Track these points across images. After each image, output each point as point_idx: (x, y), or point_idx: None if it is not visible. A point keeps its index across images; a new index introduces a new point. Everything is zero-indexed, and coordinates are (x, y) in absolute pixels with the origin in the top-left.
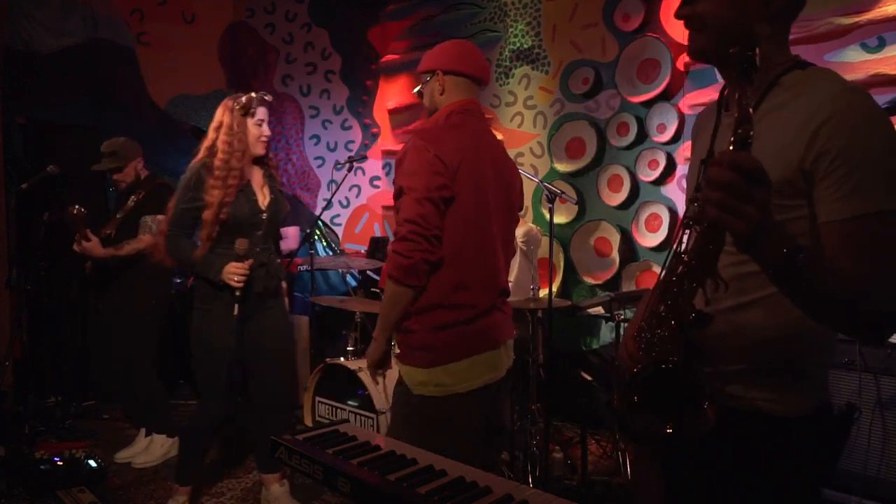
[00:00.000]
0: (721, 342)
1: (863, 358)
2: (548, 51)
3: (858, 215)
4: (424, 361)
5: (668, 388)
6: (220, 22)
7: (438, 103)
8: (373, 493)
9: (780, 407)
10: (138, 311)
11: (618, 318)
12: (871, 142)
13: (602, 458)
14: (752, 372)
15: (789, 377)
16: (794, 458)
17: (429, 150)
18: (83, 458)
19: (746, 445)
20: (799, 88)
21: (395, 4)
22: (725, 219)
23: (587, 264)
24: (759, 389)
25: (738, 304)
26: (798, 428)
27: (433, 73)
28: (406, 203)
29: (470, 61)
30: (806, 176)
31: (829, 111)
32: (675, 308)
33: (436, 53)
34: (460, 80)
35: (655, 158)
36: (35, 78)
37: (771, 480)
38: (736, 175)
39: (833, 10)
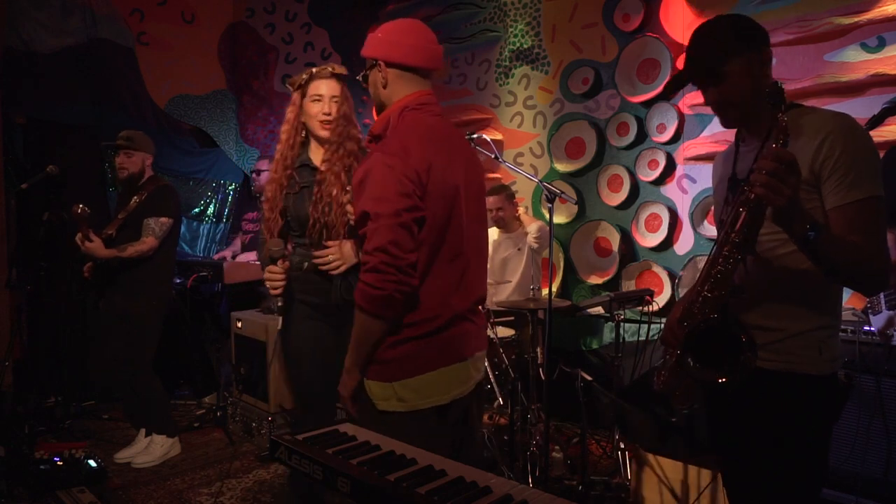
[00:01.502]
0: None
1: (863, 358)
2: (548, 51)
3: (858, 199)
4: (383, 375)
5: (712, 345)
6: (220, 22)
7: (383, 98)
8: (373, 493)
9: (813, 368)
10: (138, 312)
11: (618, 318)
12: (860, 148)
13: (602, 458)
14: (784, 339)
15: (815, 341)
16: (819, 408)
17: (395, 170)
18: (83, 458)
19: (780, 399)
20: (800, 118)
21: (394, 4)
22: (769, 195)
23: (587, 264)
24: (792, 354)
25: (772, 279)
26: (823, 385)
27: (374, 62)
28: (374, 230)
29: (416, 50)
30: (816, 176)
31: (829, 128)
32: (719, 280)
33: (378, 38)
34: (406, 74)
35: (655, 158)
36: (35, 78)
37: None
38: (778, 164)
39: (833, 10)
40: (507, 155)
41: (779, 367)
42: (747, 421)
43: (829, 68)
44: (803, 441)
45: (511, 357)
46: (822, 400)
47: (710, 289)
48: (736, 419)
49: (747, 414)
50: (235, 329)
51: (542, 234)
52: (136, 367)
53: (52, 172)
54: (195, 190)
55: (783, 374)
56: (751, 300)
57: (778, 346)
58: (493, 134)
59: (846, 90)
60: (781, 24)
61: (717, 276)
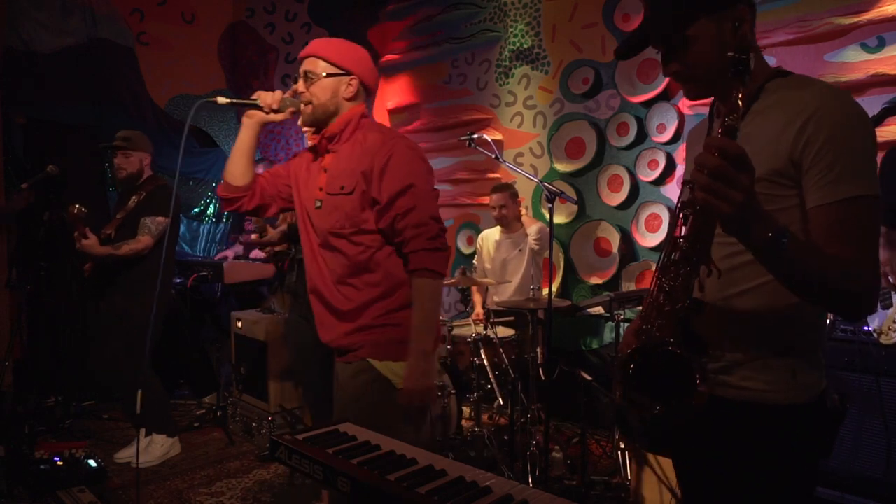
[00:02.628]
0: (717, 331)
1: (863, 358)
2: (548, 51)
3: (843, 199)
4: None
5: (662, 370)
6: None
7: (339, 105)
8: (373, 493)
9: (781, 395)
10: (138, 312)
11: (618, 318)
12: (852, 135)
13: (602, 458)
14: (751, 361)
15: (787, 366)
16: (794, 443)
17: (418, 151)
18: (83, 458)
19: (749, 434)
20: (784, 91)
21: (394, 4)
22: (712, 201)
23: (587, 264)
24: (757, 380)
25: (733, 294)
26: (799, 415)
27: (348, 73)
28: (416, 202)
29: (377, 77)
30: (796, 166)
31: (816, 106)
32: (672, 294)
33: (355, 57)
34: (364, 92)
35: (655, 158)
36: (35, 78)
37: (771, 467)
38: (722, 161)
39: (833, 10)
40: (507, 155)
41: (741, 396)
42: (704, 459)
43: (829, 68)
44: (773, 484)
45: (511, 357)
46: (799, 434)
47: (664, 300)
48: (691, 454)
49: (703, 451)
50: (235, 329)
51: (543, 235)
52: (135, 367)
53: (52, 172)
54: (195, 190)
55: (746, 404)
56: (707, 316)
57: (739, 371)
58: (493, 134)
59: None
60: (781, 24)
61: (668, 287)
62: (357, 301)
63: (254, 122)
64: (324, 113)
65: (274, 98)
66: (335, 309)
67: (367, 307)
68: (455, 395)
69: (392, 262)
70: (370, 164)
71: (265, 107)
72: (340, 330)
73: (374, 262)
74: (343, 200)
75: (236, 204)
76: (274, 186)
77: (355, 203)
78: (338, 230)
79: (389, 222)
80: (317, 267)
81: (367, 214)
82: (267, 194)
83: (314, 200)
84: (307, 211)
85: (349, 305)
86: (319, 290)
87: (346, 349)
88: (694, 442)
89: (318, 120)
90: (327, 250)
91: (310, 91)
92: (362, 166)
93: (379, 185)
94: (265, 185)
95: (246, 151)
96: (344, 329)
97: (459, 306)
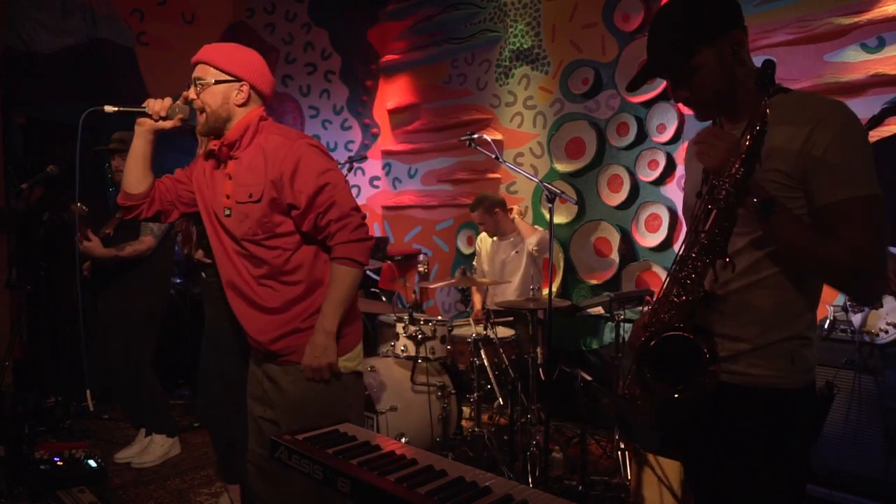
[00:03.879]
0: (724, 321)
1: (862, 358)
2: (548, 51)
3: (855, 196)
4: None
5: (675, 355)
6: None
7: (231, 111)
8: (373, 493)
9: (782, 381)
10: (137, 312)
11: (618, 318)
12: (855, 140)
13: (602, 458)
14: (755, 349)
15: (787, 353)
16: (793, 425)
17: (321, 148)
18: (83, 458)
19: (753, 417)
20: (788, 107)
21: (394, 4)
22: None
23: (587, 264)
24: (760, 366)
25: (741, 286)
26: (797, 399)
27: (238, 79)
28: (335, 196)
29: (270, 81)
30: (802, 171)
31: (820, 117)
32: (687, 286)
33: (245, 62)
34: (258, 98)
35: (655, 158)
36: (35, 78)
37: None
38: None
39: (833, 10)
40: (507, 155)
41: (746, 381)
42: (713, 443)
43: (829, 68)
44: (775, 463)
45: (511, 357)
46: (797, 416)
47: (678, 293)
48: (701, 440)
49: (712, 435)
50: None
51: (542, 244)
52: (135, 367)
53: (52, 172)
54: None
55: (750, 389)
56: (714, 307)
57: (745, 359)
58: (493, 134)
59: (846, 90)
60: (781, 24)
61: (684, 280)
62: (280, 298)
63: (144, 131)
64: (217, 120)
65: (163, 105)
66: (259, 305)
67: (291, 305)
68: (455, 395)
69: (310, 262)
70: (278, 171)
71: (153, 114)
72: (269, 327)
73: (292, 263)
74: (252, 208)
75: (135, 211)
76: (173, 192)
77: (265, 209)
78: (251, 237)
79: (312, 222)
80: (234, 268)
81: (278, 219)
82: (166, 200)
83: (223, 208)
84: (217, 216)
85: (273, 302)
86: (238, 287)
87: (278, 354)
88: (702, 428)
89: (212, 128)
90: (243, 256)
91: (201, 98)
92: (270, 175)
93: (293, 191)
94: (164, 190)
95: (139, 160)
96: (273, 324)
97: (459, 306)
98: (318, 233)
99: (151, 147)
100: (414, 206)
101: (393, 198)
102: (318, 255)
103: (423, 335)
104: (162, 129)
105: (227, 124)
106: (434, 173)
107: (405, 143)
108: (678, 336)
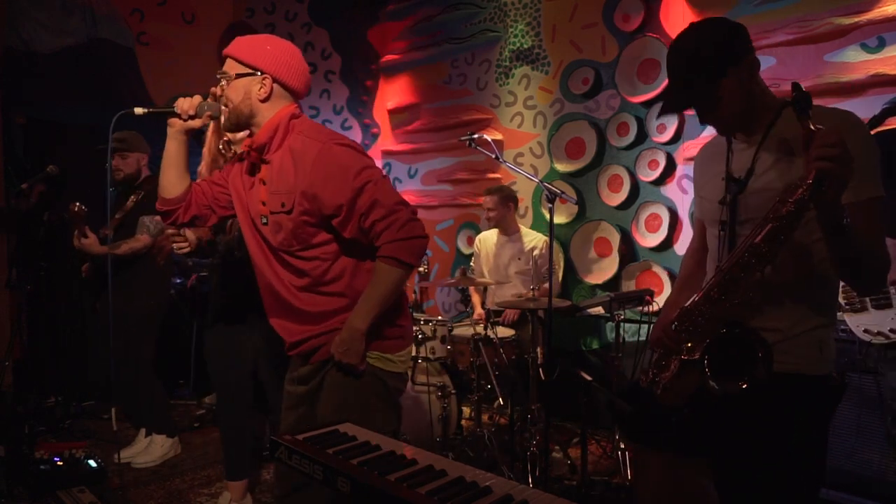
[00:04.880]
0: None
1: (863, 358)
2: (548, 51)
3: (859, 201)
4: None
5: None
6: (221, 22)
7: (254, 107)
8: (373, 493)
9: (813, 367)
10: (137, 312)
11: (618, 318)
12: (864, 145)
13: (602, 458)
14: (788, 339)
15: (815, 341)
16: (819, 409)
17: (353, 146)
18: (83, 458)
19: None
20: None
21: (395, 4)
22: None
23: (587, 264)
24: (793, 354)
25: (783, 281)
26: (822, 385)
27: (260, 72)
28: (378, 193)
29: (301, 74)
30: None
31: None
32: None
33: (267, 53)
34: (286, 92)
35: (655, 159)
36: (35, 78)
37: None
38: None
39: (833, 10)
40: (507, 155)
41: (781, 368)
42: (744, 424)
43: (829, 68)
44: (804, 443)
45: (511, 357)
46: (821, 400)
47: (719, 292)
48: (730, 422)
49: (744, 417)
50: None
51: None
52: (135, 367)
53: (52, 172)
54: None
55: (785, 375)
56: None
57: (780, 347)
58: (493, 134)
59: (846, 90)
60: (781, 24)
61: (730, 282)
62: (323, 307)
63: (175, 132)
64: (238, 116)
65: (191, 104)
66: (298, 312)
67: (332, 315)
68: (455, 395)
69: (351, 273)
70: (308, 180)
71: (182, 113)
72: (306, 333)
73: (331, 273)
74: (284, 219)
75: (172, 217)
76: (209, 195)
77: (296, 220)
78: (286, 248)
79: (356, 226)
80: (274, 275)
81: (312, 230)
82: (202, 204)
83: (260, 215)
84: (254, 222)
85: (316, 309)
86: (277, 290)
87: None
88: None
89: (234, 124)
90: (282, 265)
91: (225, 94)
92: (301, 184)
93: (328, 200)
94: (199, 194)
95: (173, 162)
96: (310, 332)
97: (459, 306)
98: (364, 236)
99: (185, 148)
100: (414, 206)
101: None
102: (358, 265)
103: (423, 335)
104: (192, 128)
105: (251, 120)
106: (434, 173)
107: (405, 143)
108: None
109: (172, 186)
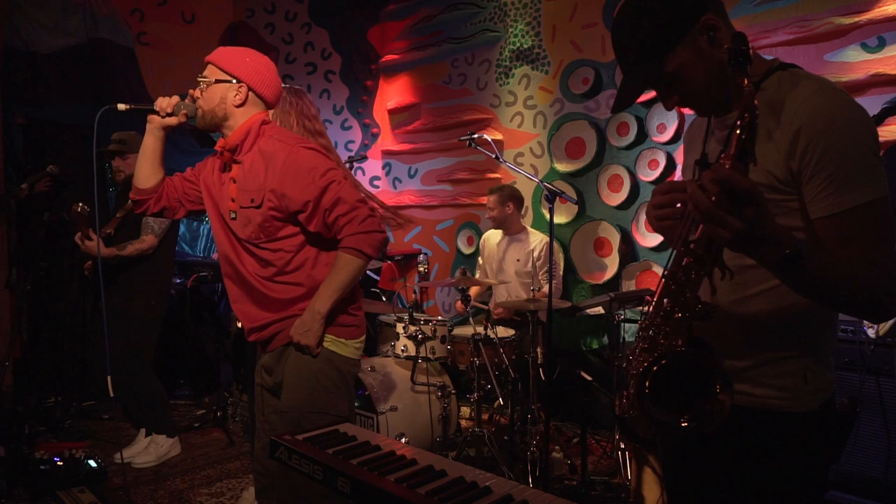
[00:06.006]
0: (727, 336)
1: (863, 358)
2: (548, 51)
3: (854, 206)
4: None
5: (678, 380)
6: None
7: (229, 112)
8: (373, 493)
9: (794, 403)
10: (137, 312)
11: (618, 318)
12: (849, 140)
13: (602, 458)
14: (761, 366)
15: (799, 369)
16: (804, 451)
17: (317, 150)
18: (83, 458)
19: (758, 442)
20: (781, 92)
21: (395, 4)
22: (710, 228)
23: (587, 264)
24: (768, 386)
25: (743, 297)
26: (810, 423)
27: (237, 80)
28: (344, 191)
29: (275, 88)
30: (793, 174)
31: (808, 114)
32: (682, 301)
33: (247, 64)
34: (259, 101)
35: (655, 158)
36: (35, 78)
37: (781, 474)
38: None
39: (833, 10)
40: (508, 155)
41: (751, 402)
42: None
43: (829, 68)
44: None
45: (511, 357)
46: (813, 442)
47: (670, 305)
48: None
49: (711, 463)
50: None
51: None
52: (135, 367)
53: (52, 172)
54: None
55: (756, 411)
56: (716, 320)
57: (749, 377)
58: (493, 134)
59: (846, 90)
60: (781, 24)
61: (677, 293)
62: (283, 295)
63: (153, 127)
64: (213, 118)
65: (169, 103)
66: (261, 295)
67: (290, 304)
68: (455, 395)
69: (311, 264)
70: (278, 180)
71: (160, 111)
72: (266, 319)
73: (293, 263)
74: (253, 213)
75: (143, 206)
76: (180, 189)
77: (265, 215)
78: (253, 241)
79: (321, 221)
80: (240, 262)
81: (279, 224)
82: (172, 197)
83: (229, 211)
84: (224, 218)
85: (276, 295)
86: (243, 278)
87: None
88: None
89: (208, 125)
90: (248, 254)
91: (202, 96)
92: (270, 183)
93: (296, 198)
94: (171, 188)
95: (149, 156)
96: (269, 318)
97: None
98: (327, 230)
99: (161, 143)
100: (414, 206)
101: (393, 198)
102: (318, 257)
103: (423, 335)
104: (169, 125)
105: (224, 123)
106: (434, 173)
107: (405, 143)
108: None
109: (146, 178)
